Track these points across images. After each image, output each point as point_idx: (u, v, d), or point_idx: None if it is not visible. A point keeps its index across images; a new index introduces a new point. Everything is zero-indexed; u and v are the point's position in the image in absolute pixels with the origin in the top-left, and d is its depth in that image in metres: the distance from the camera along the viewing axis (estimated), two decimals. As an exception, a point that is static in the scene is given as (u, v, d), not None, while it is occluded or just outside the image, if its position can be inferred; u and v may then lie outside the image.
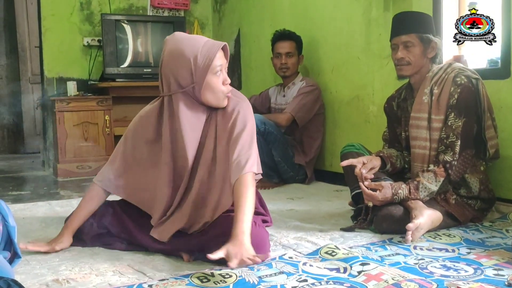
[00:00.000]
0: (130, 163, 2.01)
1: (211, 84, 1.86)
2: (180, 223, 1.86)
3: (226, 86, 1.90)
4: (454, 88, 2.19)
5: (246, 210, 1.70)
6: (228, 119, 1.90)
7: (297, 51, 3.62)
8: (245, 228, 1.65)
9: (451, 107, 2.20)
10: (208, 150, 1.91)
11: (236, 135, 1.86)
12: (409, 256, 1.83)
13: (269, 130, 3.35)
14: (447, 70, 2.27)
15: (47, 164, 4.73)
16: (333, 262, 1.74)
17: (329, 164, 3.66)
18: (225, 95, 1.91)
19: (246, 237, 1.63)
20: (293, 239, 2.10)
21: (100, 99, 4.27)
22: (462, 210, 2.24)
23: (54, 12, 4.50)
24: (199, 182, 1.89)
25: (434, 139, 2.24)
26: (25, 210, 2.82)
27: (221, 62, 1.88)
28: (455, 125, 2.18)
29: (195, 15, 5.06)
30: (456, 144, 2.17)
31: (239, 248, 1.58)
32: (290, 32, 3.65)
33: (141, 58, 4.53)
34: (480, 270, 1.67)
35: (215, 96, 1.89)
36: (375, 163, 2.27)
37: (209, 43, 1.89)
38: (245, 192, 1.74)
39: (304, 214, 2.60)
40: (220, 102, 1.91)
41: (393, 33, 2.33)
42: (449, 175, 2.17)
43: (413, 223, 2.00)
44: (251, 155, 1.83)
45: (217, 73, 1.87)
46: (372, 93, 3.25)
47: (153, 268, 1.76)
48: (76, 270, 1.75)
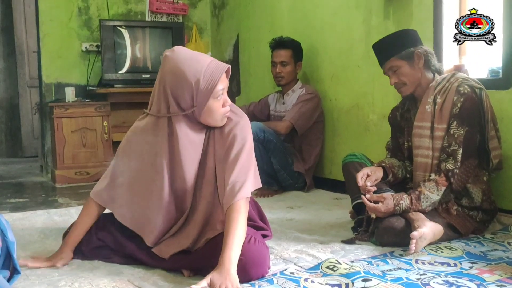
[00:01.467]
0: (122, 182, 1.94)
1: (212, 108, 1.82)
2: (185, 243, 1.83)
3: (225, 108, 1.86)
4: (457, 98, 2.19)
5: (236, 238, 1.65)
6: (225, 138, 1.86)
7: (294, 59, 3.59)
8: (233, 257, 1.60)
9: (454, 116, 2.19)
10: (209, 168, 1.87)
11: (234, 156, 1.81)
12: (411, 271, 1.82)
13: (268, 138, 3.34)
14: (451, 80, 2.26)
15: (45, 169, 4.71)
16: (335, 278, 1.73)
17: (329, 171, 3.65)
18: (224, 116, 1.87)
19: (232, 266, 1.58)
20: (294, 252, 2.08)
21: (99, 105, 4.26)
22: (464, 222, 2.23)
23: (52, 18, 4.49)
24: (205, 202, 1.86)
25: (437, 148, 2.23)
26: (24, 219, 2.80)
27: (223, 85, 1.83)
28: (457, 134, 2.17)
29: (193, 20, 5.05)
30: (458, 152, 2.16)
31: (224, 278, 1.54)
32: (286, 40, 3.61)
33: (139, 64, 4.52)
34: (482, 286, 1.66)
35: (214, 118, 1.85)
36: (378, 175, 2.27)
37: (212, 65, 1.81)
38: (236, 218, 1.69)
39: (304, 224, 2.59)
40: (218, 123, 1.87)
41: (379, 62, 2.37)
42: (451, 183, 2.16)
43: (417, 231, 2.00)
44: (247, 179, 1.78)
45: (218, 97, 1.82)
46: (372, 102, 3.24)
47: (153, 283, 1.75)
48: (76, 286, 1.74)
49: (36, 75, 5.15)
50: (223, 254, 1.61)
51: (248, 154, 1.84)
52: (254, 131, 3.30)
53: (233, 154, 1.82)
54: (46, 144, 4.64)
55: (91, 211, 1.99)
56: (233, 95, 4.75)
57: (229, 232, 1.67)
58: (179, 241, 1.85)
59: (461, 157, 2.16)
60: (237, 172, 1.79)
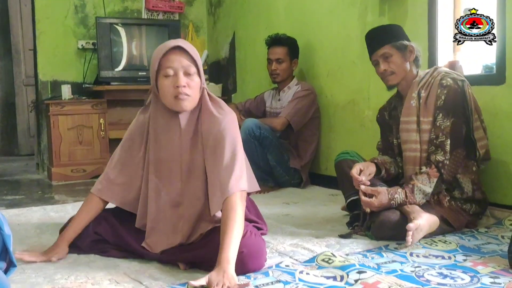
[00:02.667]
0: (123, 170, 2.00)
1: (162, 86, 1.85)
2: (176, 239, 1.85)
3: (176, 89, 1.82)
4: (441, 90, 2.23)
5: (233, 236, 1.65)
6: (213, 133, 1.86)
7: (290, 56, 3.60)
8: (230, 256, 1.60)
9: (439, 108, 2.22)
10: (198, 163, 1.88)
11: (223, 151, 1.81)
12: (406, 264, 1.84)
13: (264, 134, 3.35)
14: (433, 74, 2.31)
15: (41, 167, 4.71)
16: (330, 270, 1.74)
17: (324, 168, 3.66)
18: (177, 99, 1.83)
19: (230, 266, 1.58)
20: (289, 246, 2.09)
21: (95, 103, 4.26)
22: (457, 215, 2.24)
23: (48, 15, 4.49)
24: (194, 198, 1.87)
25: (424, 141, 2.26)
26: (20, 215, 2.81)
27: (172, 64, 1.82)
28: (443, 125, 2.20)
29: (190, 18, 5.05)
30: (446, 144, 2.19)
31: (221, 277, 1.54)
32: (282, 37, 3.62)
33: (135, 62, 4.52)
34: (476, 278, 1.68)
35: (167, 98, 1.85)
36: (371, 169, 2.29)
37: (165, 44, 1.87)
38: (233, 216, 1.69)
39: (300, 219, 2.60)
40: (172, 104, 1.85)
41: (370, 51, 2.39)
42: (442, 174, 2.18)
43: (413, 223, 2.01)
44: (239, 173, 1.78)
45: (167, 76, 1.83)
46: (367, 98, 3.26)
47: (149, 276, 1.75)
48: (72, 279, 1.74)
49: (32, 74, 5.16)
50: (220, 253, 1.61)
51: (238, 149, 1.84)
52: (250, 127, 3.33)
53: (222, 149, 1.82)
54: (42, 141, 4.64)
55: (89, 207, 2.00)
56: (230, 92, 4.77)
57: (227, 231, 1.66)
58: (168, 237, 1.87)
59: (449, 148, 2.18)
60: (227, 166, 1.79)
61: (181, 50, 1.85)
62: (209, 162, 1.85)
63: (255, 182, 2.01)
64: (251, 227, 1.84)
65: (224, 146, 1.82)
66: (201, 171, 1.88)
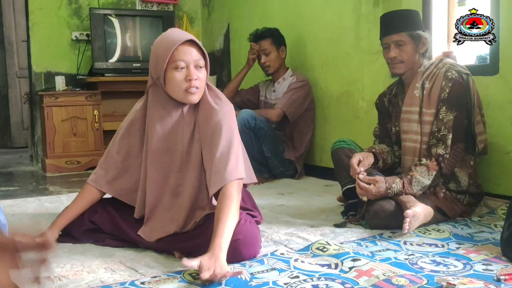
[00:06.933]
0: (120, 160, 2.01)
1: (172, 78, 1.85)
2: (171, 228, 1.85)
3: (188, 82, 1.84)
4: (446, 83, 2.21)
5: (227, 224, 1.65)
6: (211, 123, 1.86)
7: (275, 46, 3.61)
8: (223, 244, 1.61)
9: (443, 101, 2.21)
10: (195, 153, 1.89)
11: (220, 141, 1.82)
12: (400, 252, 1.85)
13: (259, 125, 3.35)
14: (439, 65, 2.29)
15: (35, 159, 4.70)
16: (325, 258, 1.76)
17: (319, 159, 3.67)
18: (188, 92, 1.85)
19: (222, 253, 1.58)
20: (284, 235, 2.11)
21: (89, 94, 4.25)
22: (451, 205, 2.26)
23: (42, 6, 4.46)
24: (191, 187, 1.88)
25: (425, 133, 2.26)
26: (15, 206, 2.81)
27: (184, 57, 1.84)
28: (446, 119, 2.20)
29: (184, 9, 5.04)
30: (448, 138, 2.19)
31: (213, 263, 1.54)
32: (263, 30, 3.66)
33: (129, 53, 4.50)
34: (469, 265, 1.69)
35: (176, 91, 1.86)
36: (370, 160, 2.29)
37: (177, 36, 1.86)
38: (228, 204, 1.70)
39: (295, 209, 2.61)
40: (181, 97, 1.87)
41: (383, 32, 2.33)
42: (441, 168, 2.19)
43: (411, 210, 2.02)
44: (236, 162, 1.79)
45: (178, 69, 1.84)
46: (361, 89, 3.27)
47: (145, 265, 1.76)
48: (68, 267, 1.75)
49: (26, 65, 5.13)
50: (213, 241, 1.62)
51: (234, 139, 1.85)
52: (246, 118, 3.33)
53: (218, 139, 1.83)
54: (36, 133, 4.62)
55: (84, 197, 2.02)
56: (224, 84, 4.76)
57: (221, 218, 1.67)
58: (164, 226, 1.88)
59: (450, 142, 2.19)
60: (223, 155, 1.80)
61: (192, 43, 1.86)
62: (206, 152, 1.86)
63: (252, 174, 2.02)
64: (246, 215, 1.85)
65: (220, 136, 1.83)
66: (198, 161, 1.89)
